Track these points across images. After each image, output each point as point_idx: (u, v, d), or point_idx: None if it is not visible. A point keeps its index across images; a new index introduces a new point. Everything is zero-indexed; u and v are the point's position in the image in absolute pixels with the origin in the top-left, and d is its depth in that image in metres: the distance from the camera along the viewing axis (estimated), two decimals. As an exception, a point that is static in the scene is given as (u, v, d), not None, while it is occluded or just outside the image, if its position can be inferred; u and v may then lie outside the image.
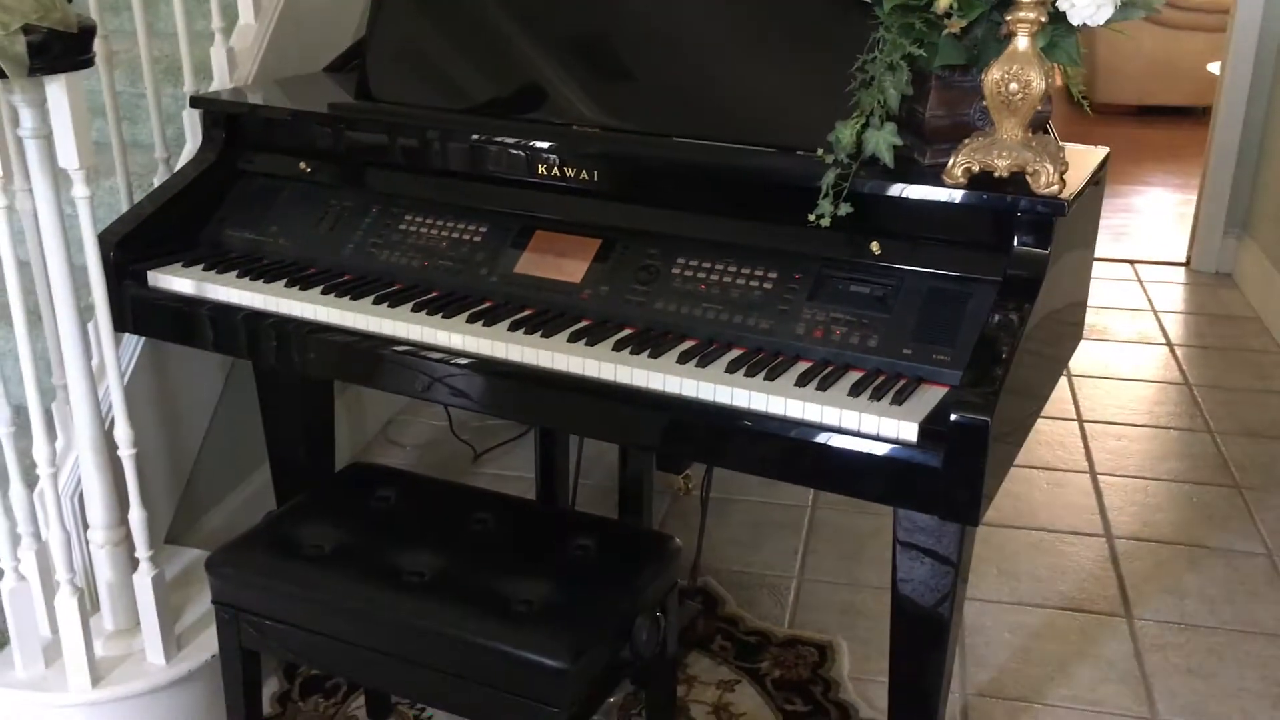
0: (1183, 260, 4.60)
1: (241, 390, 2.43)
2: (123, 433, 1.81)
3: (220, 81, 2.35)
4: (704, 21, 1.85)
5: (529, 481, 2.90)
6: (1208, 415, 3.30)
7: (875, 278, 1.65)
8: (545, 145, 1.85)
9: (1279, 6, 4.10)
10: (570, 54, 1.92)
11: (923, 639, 1.71)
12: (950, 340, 1.57)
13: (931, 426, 1.45)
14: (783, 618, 2.38)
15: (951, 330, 1.58)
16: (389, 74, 2.05)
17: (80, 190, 1.67)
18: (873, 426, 1.48)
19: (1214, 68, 4.84)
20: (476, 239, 1.90)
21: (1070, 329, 1.89)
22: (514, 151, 1.88)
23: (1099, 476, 2.96)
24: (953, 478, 1.43)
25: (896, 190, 1.61)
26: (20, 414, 1.91)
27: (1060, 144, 1.66)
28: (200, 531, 2.39)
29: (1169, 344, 3.84)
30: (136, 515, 1.84)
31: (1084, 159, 1.72)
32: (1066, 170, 1.58)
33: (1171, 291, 4.33)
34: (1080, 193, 1.59)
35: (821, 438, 1.51)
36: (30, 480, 1.86)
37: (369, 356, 1.79)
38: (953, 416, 1.41)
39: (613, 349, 1.66)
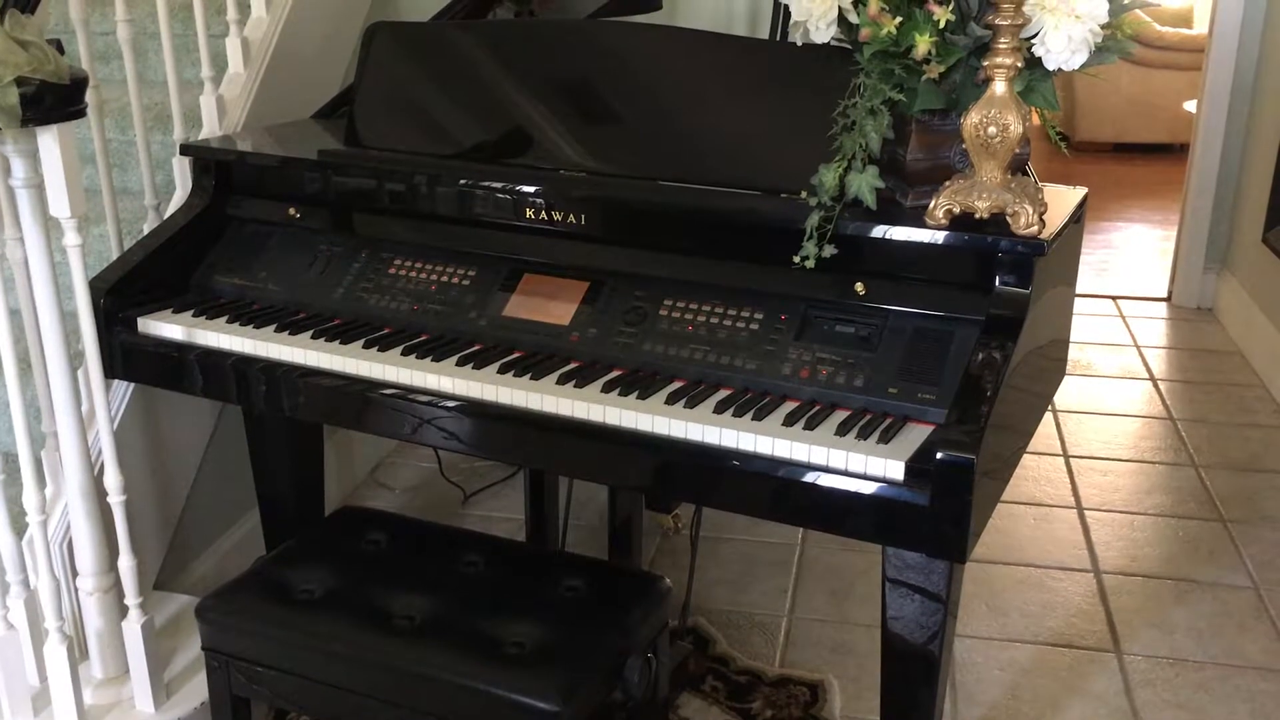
0: (1164, 295, 4.65)
1: (230, 435, 2.44)
2: (113, 480, 1.81)
3: (209, 129, 2.37)
4: (687, 68, 1.88)
5: (518, 523, 2.90)
6: (1192, 449, 3.32)
7: (860, 318, 1.67)
8: (533, 190, 1.87)
9: (1252, 46, 4.18)
10: (556, 100, 1.95)
11: (913, 676, 1.72)
12: (935, 379, 1.59)
13: (918, 464, 1.46)
14: (773, 657, 2.39)
15: (936, 369, 1.60)
16: (377, 120, 2.08)
17: (72, 239, 1.69)
18: (860, 465, 1.49)
19: (1190, 106, 4.92)
20: (465, 282, 1.92)
21: (1053, 364, 1.91)
22: (502, 196, 1.90)
23: (1085, 511, 2.98)
24: (940, 515, 1.44)
25: (879, 232, 1.63)
26: (9, 461, 1.92)
27: (1039, 185, 1.69)
28: (189, 577, 2.39)
29: (1152, 379, 3.87)
30: (126, 562, 1.84)
31: (1063, 199, 1.75)
32: (1046, 211, 1.61)
33: (1153, 326, 4.37)
34: (1060, 233, 1.62)
35: (809, 477, 1.52)
36: (19, 528, 1.86)
37: (359, 400, 1.80)
38: (938, 454, 1.42)
39: (601, 390, 1.68)
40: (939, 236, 1.59)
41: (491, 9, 2.68)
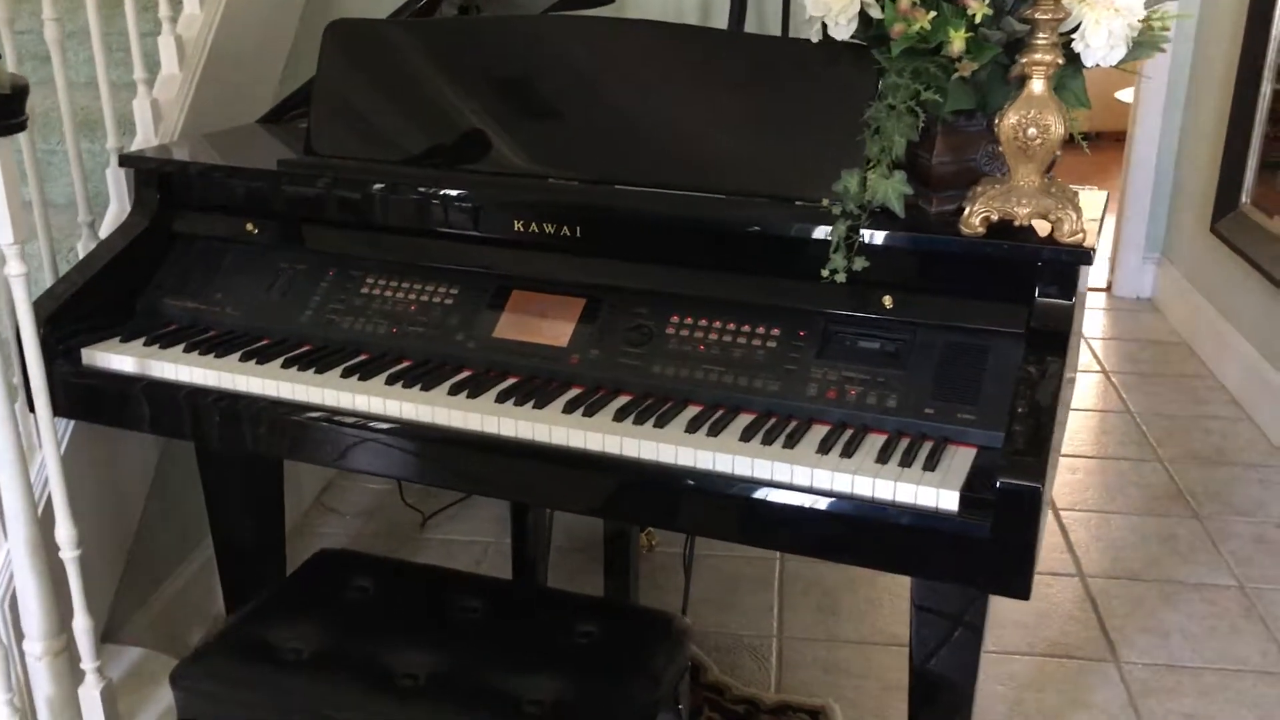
0: (1103, 286, 4.65)
1: (174, 465, 2.24)
2: (65, 533, 1.62)
3: (144, 136, 2.17)
4: (690, 67, 1.75)
5: (483, 546, 2.77)
6: (1155, 443, 3.30)
7: (886, 333, 1.57)
8: (519, 200, 1.73)
9: (1189, 34, 4.18)
10: (543, 102, 1.80)
11: (944, 709, 1.63)
12: (973, 398, 1.49)
13: (974, 494, 1.36)
14: (768, 681, 2.28)
15: (973, 387, 1.50)
16: (340, 126, 1.91)
17: (15, 268, 1.49)
18: (909, 496, 1.38)
19: (1124, 95, 4.93)
20: (448, 302, 1.77)
21: (1074, 371, 1.83)
22: (483, 207, 1.76)
23: (1061, 511, 2.93)
24: (1001, 549, 1.34)
25: (911, 241, 1.53)
26: (-60, 514, 1.71)
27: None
28: (138, 625, 2.18)
29: (1104, 371, 3.85)
30: (82, 624, 1.66)
31: (1089, 202, 1.67)
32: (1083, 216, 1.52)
33: (1095, 318, 4.37)
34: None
35: (851, 509, 1.41)
36: (-45, 588, 1.66)
37: (339, 435, 1.64)
38: (999, 483, 1.32)
39: (613, 419, 1.54)
40: (979, 246, 1.49)
41: (436, 7, 2.52)
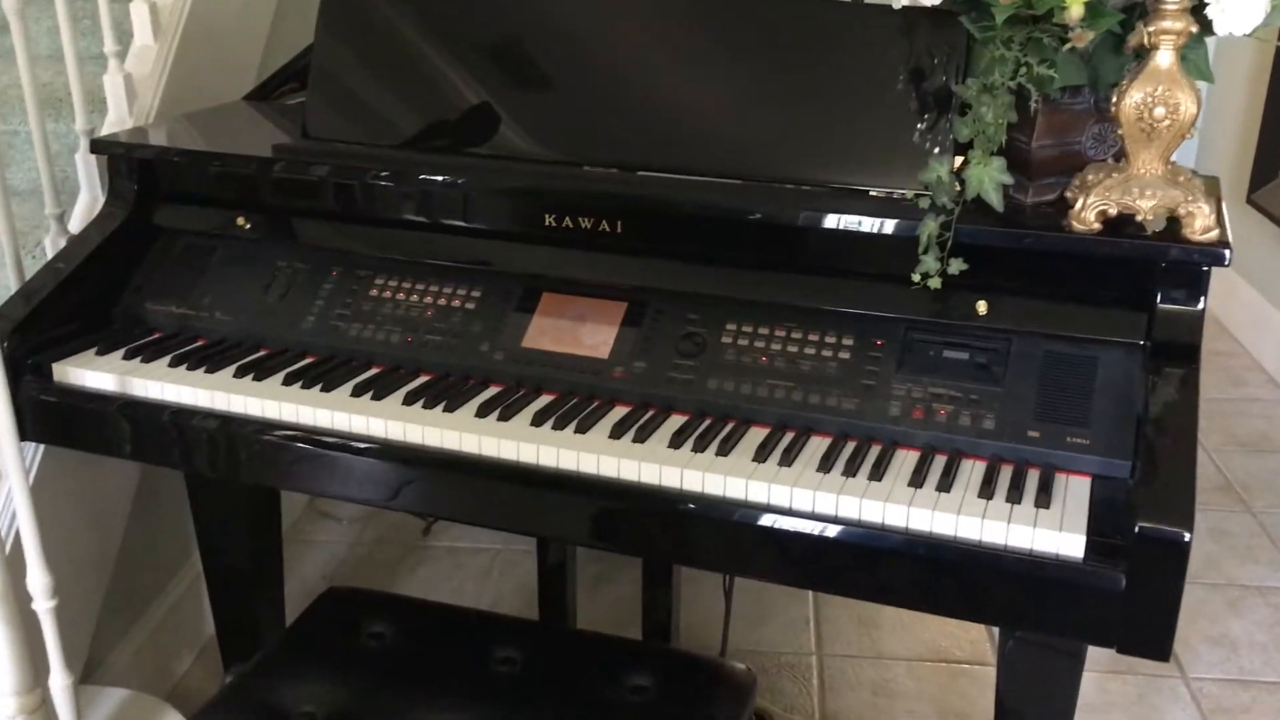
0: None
1: (159, 481, 2.03)
2: (39, 582, 1.41)
3: (117, 116, 1.94)
4: (745, 37, 1.53)
5: (491, 553, 2.59)
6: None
7: (979, 342, 1.37)
8: (552, 190, 1.52)
9: None
10: (576, 76, 1.58)
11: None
12: (1084, 419, 1.31)
13: (1104, 540, 1.17)
14: (812, 706, 2.10)
15: (1083, 406, 1.31)
16: (342, 106, 1.69)
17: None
18: (1024, 539, 1.19)
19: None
20: (469, 305, 1.56)
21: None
22: (512, 198, 1.55)
23: (1105, 507, 2.76)
24: (1140, 603, 1.15)
25: (1014, 239, 1.33)
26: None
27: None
28: (118, 662, 1.97)
29: (1133, 351, 3.68)
30: (60, 681, 1.45)
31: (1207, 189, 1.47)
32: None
33: (1118, 292, 4.19)
34: (1226, 234, 1.35)
35: (953, 554, 1.22)
36: (-86, 642, 1.45)
37: (350, 464, 1.44)
38: (1139, 527, 1.13)
39: (669, 445, 1.34)
40: (1096, 244, 1.29)
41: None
